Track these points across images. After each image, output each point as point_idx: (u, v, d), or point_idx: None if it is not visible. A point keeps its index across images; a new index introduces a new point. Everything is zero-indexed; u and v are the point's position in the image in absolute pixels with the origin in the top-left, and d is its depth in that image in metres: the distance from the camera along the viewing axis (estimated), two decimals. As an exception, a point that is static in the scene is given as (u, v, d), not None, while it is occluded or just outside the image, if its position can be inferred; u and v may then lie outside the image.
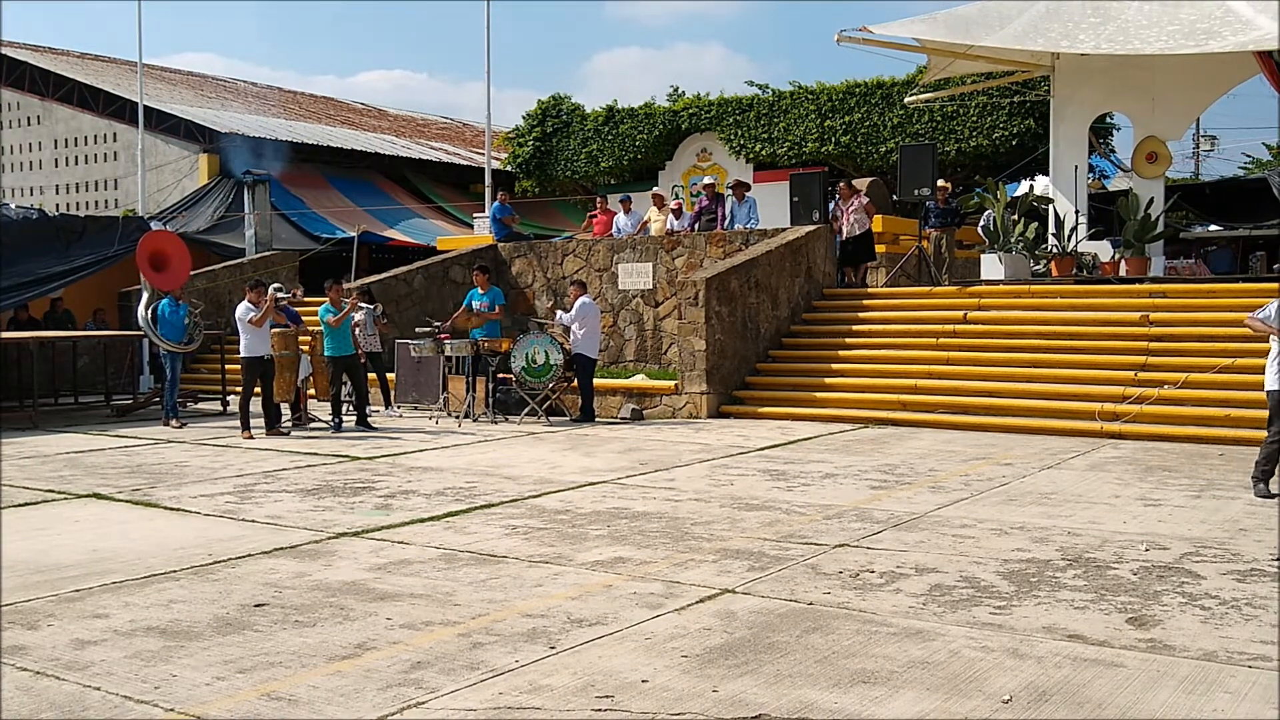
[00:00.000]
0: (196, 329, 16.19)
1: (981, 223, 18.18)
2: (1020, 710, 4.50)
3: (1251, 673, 4.91)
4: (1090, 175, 24.51)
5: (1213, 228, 26.20)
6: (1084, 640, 5.38)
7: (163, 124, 29.72)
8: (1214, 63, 17.98)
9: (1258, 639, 5.37)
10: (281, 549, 7.51)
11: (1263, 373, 12.83)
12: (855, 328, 16.53)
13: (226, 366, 17.76)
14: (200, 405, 17.79)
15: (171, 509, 9.11)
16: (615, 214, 21.80)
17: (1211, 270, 19.67)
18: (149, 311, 16.00)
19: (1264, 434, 11.91)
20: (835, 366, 15.68)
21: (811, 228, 17.75)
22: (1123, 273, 16.82)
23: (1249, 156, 40.21)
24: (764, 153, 28.06)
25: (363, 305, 15.73)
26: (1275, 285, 14.78)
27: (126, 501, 9.49)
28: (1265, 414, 12.18)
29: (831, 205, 18.57)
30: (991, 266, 17.61)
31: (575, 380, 15.32)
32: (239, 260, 23.49)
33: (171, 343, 15.54)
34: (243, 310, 14.18)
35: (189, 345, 15.92)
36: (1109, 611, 5.84)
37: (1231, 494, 9.19)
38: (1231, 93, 19.26)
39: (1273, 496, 8.90)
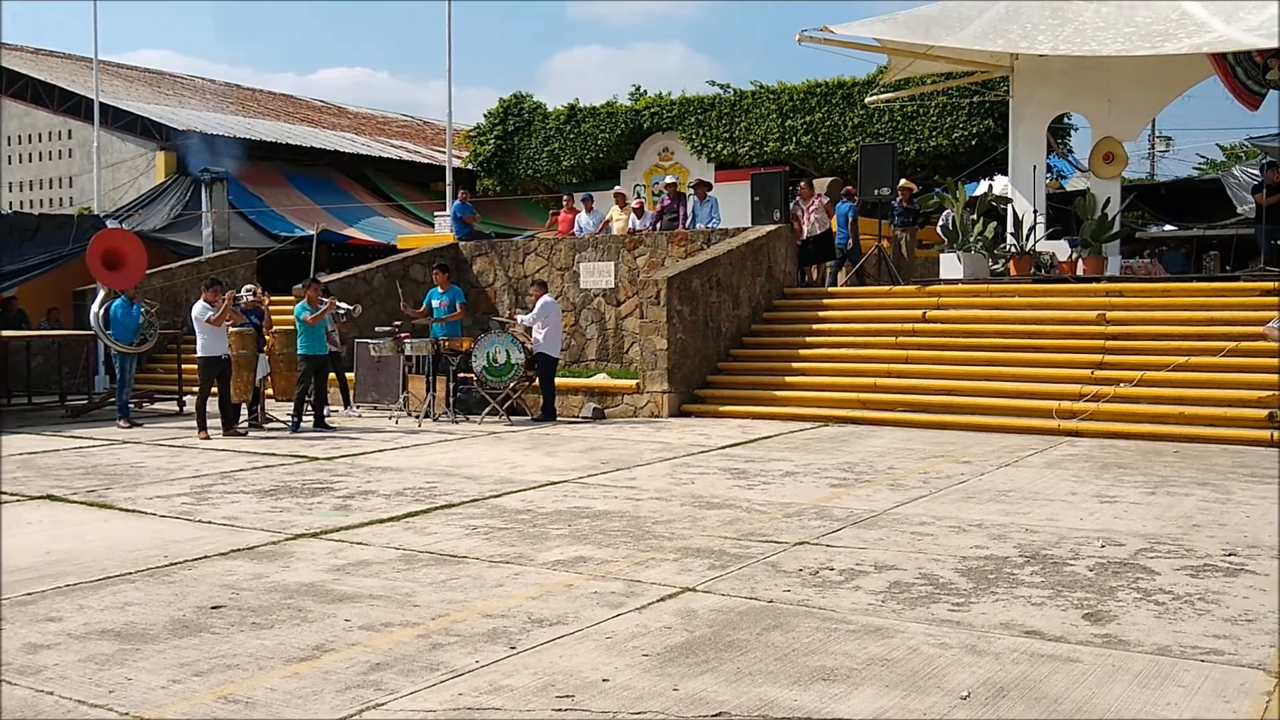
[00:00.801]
0: (151, 329, 16.02)
1: (940, 222, 18.31)
2: (978, 706, 4.53)
3: (1204, 667, 4.97)
4: (1048, 175, 24.73)
5: (1168, 227, 26.51)
6: (1041, 636, 5.43)
7: (119, 121, 29.39)
8: (1169, 64, 18.19)
9: (1210, 633, 5.44)
10: (239, 550, 7.45)
11: (1216, 371, 13.09)
12: (815, 326, 16.60)
13: (183, 366, 17.58)
14: (157, 405, 17.59)
15: (127, 510, 9.01)
16: (578, 212, 21.79)
17: (1166, 270, 19.89)
18: (102, 311, 15.81)
19: (1218, 430, 12.15)
20: (796, 365, 15.74)
21: (772, 227, 17.81)
22: (1080, 272, 16.99)
23: (1203, 157, 40.78)
24: (725, 152, 28.13)
25: (342, 306, 15.60)
26: (1231, 284, 14.98)
27: (81, 503, 9.37)
28: (1220, 411, 12.43)
29: (792, 205, 18.64)
30: (950, 266, 17.74)
31: (537, 379, 15.29)
32: (196, 259, 23.26)
33: (122, 343, 15.36)
34: (199, 310, 14.03)
35: (141, 346, 15.73)
36: (1066, 607, 5.90)
37: (1185, 490, 9.30)
38: (1186, 94, 19.50)
39: None
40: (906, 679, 4.85)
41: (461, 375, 15.49)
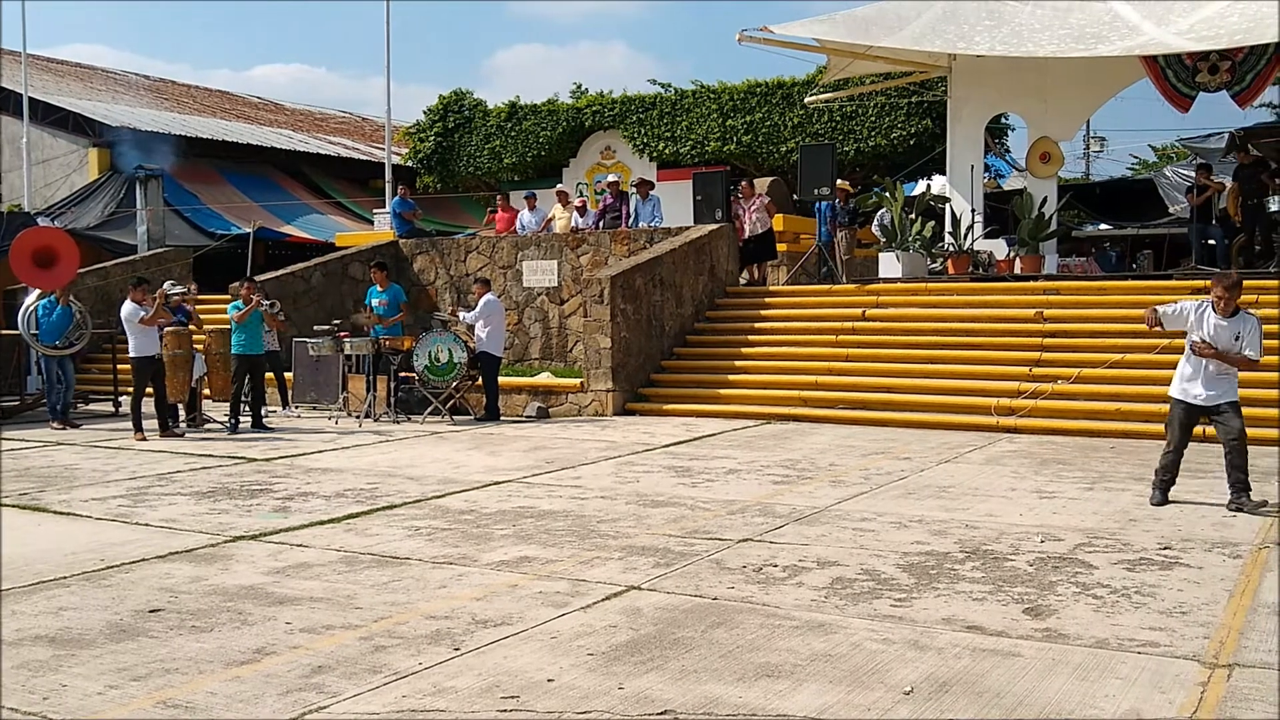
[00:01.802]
0: (83, 329, 15.71)
1: (877, 221, 18.48)
2: (921, 701, 4.57)
3: (1141, 659, 5.05)
4: (986, 175, 25.05)
5: (1103, 226, 26.97)
6: (982, 631, 5.49)
7: (49, 117, 28.80)
8: (1103, 66, 18.50)
9: (1147, 626, 5.53)
10: (177, 553, 7.33)
11: (1151, 368, 13.32)
12: (757, 325, 16.68)
13: (118, 366, 17.28)
14: (92, 406, 17.28)
15: (61, 513, 8.83)
16: (517, 211, 21.71)
17: (1101, 268, 20.23)
18: (30, 311, 15.48)
19: (1153, 426, 12.34)
20: (738, 363, 15.80)
21: (714, 226, 17.87)
22: (1017, 270, 17.22)
23: (1136, 158, 41.56)
24: (667, 151, 28.17)
25: (263, 303, 15.36)
26: (1164, 283, 15.25)
27: (13, 506, 9.17)
28: (1155, 407, 12.60)
29: (733, 204, 18.71)
30: (889, 265, 17.90)
31: (479, 379, 15.21)
32: (131, 257, 22.88)
33: (45, 345, 15.07)
34: (130, 310, 13.77)
35: (67, 349, 15.38)
36: (1006, 602, 5.97)
37: (1122, 486, 9.45)
38: (1120, 95, 19.84)
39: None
40: (850, 675, 4.88)
41: (403, 374, 15.36)
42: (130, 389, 14.17)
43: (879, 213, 18.51)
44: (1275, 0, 16.21)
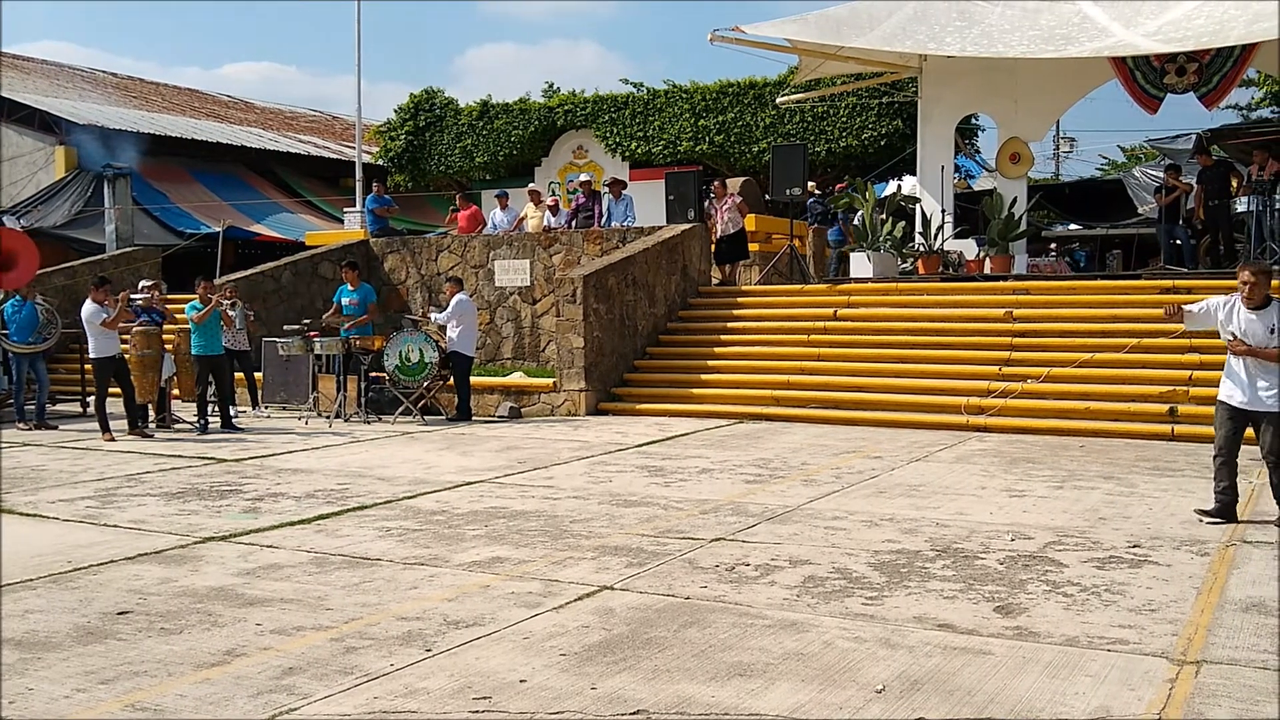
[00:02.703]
0: (52, 326, 15.55)
1: (854, 220, 18.55)
2: (893, 700, 4.58)
3: (1111, 656, 5.09)
4: (956, 175, 25.18)
5: (1072, 227, 27.16)
6: (953, 629, 5.51)
7: (15, 114, 28.51)
8: (1072, 67, 18.64)
9: (1116, 623, 5.57)
10: (146, 554, 7.27)
11: (1119, 367, 13.43)
12: (730, 325, 16.70)
13: (86, 366, 17.10)
14: (59, 407, 17.12)
15: (28, 514, 8.74)
16: (478, 209, 21.67)
17: (1071, 268, 20.37)
18: (-4, 311, 15.33)
19: (1121, 425, 12.46)
20: (711, 363, 15.81)
21: (687, 226, 17.89)
22: (987, 270, 17.31)
23: (1105, 159, 41.88)
24: (639, 151, 28.18)
25: (223, 302, 15.24)
26: (1133, 282, 15.37)
27: (-22, 508, 9.07)
28: (1123, 406, 12.74)
29: (706, 204, 18.73)
30: (860, 265, 17.96)
31: (451, 378, 15.16)
32: (99, 256, 22.67)
33: (20, 344, 14.91)
34: (91, 311, 13.63)
35: (40, 345, 15.24)
36: (977, 600, 6.00)
37: (1091, 484, 9.52)
38: (1089, 96, 19.99)
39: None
40: (822, 673, 4.89)
41: (373, 374, 15.28)
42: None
43: (857, 214, 18.58)
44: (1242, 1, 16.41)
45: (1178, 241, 17.67)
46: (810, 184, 19.44)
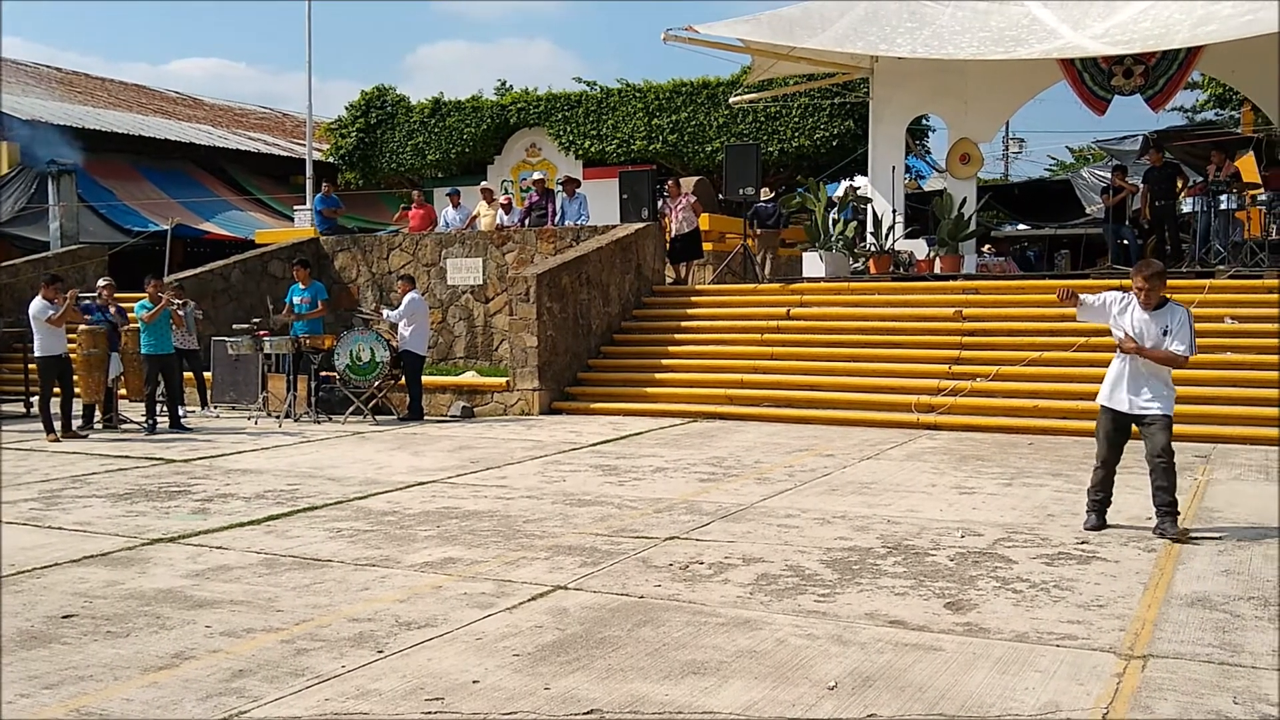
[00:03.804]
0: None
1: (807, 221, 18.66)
2: (845, 696, 4.60)
3: (1059, 651, 5.14)
4: (907, 175, 25.37)
5: (1021, 227, 27.44)
6: (904, 626, 5.55)
7: (-44, 109, 27.99)
8: (1022, 69, 18.82)
9: (1065, 619, 5.63)
10: (91, 557, 7.16)
11: (1067, 365, 13.58)
12: (684, 324, 16.72)
13: (30, 366, 16.82)
14: (3, 408, 16.82)
15: (-31, 517, 8.58)
16: (432, 208, 21.55)
17: (1019, 268, 20.59)
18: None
19: (1069, 423, 12.58)
20: (665, 362, 15.83)
21: (641, 225, 17.90)
22: (937, 270, 17.45)
23: (1054, 159, 42.42)
24: (593, 149, 28.16)
25: (174, 301, 15.05)
26: (1081, 282, 15.54)
27: (-82, 510, 8.89)
28: (1071, 404, 12.86)
29: (660, 203, 18.75)
30: (813, 264, 18.05)
31: (403, 378, 15.06)
32: (44, 254, 22.31)
33: None
34: (39, 308, 13.42)
35: None
36: (928, 597, 6.04)
37: (1040, 481, 9.62)
38: (1038, 98, 20.18)
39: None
40: (775, 670, 4.91)
41: (324, 374, 15.15)
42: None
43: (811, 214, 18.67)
44: (1188, 1, 16.65)
45: (1125, 241, 17.91)
46: (764, 189, 19.51)
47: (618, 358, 16.38)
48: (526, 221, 19.73)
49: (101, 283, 15.63)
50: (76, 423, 13.91)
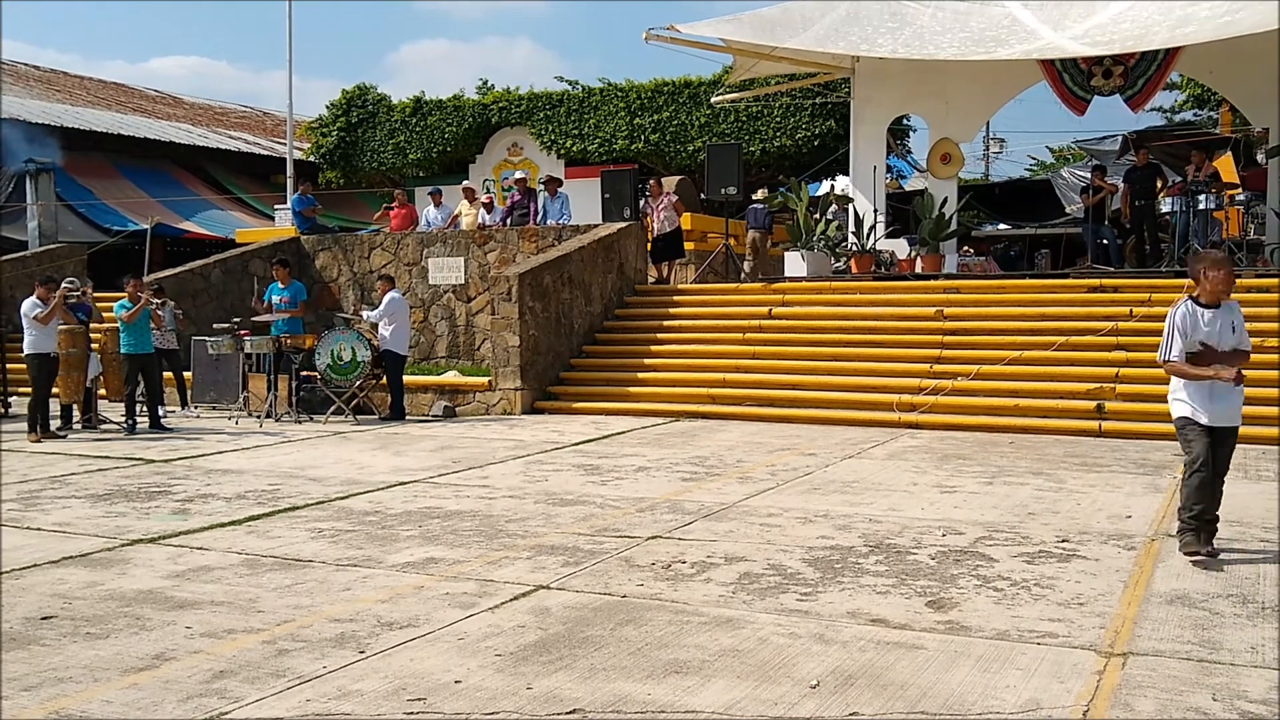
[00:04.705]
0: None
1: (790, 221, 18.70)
2: (827, 695, 4.61)
3: (1040, 649, 5.17)
4: (888, 175, 25.43)
5: (1002, 226, 27.54)
6: (886, 624, 5.56)
7: (-67, 107, 27.79)
8: (1002, 69, 18.88)
9: (1046, 617, 5.65)
10: (71, 558, 7.12)
11: (1048, 364, 13.64)
12: (666, 323, 16.72)
13: (8, 365, 16.72)
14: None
15: (-53, 518, 8.52)
16: (414, 208, 21.49)
17: (1000, 267, 20.66)
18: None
19: (1050, 422, 12.64)
20: (648, 361, 15.83)
21: (623, 224, 17.89)
22: (919, 270, 17.50)
23: (1034, 159, 42.67)
24: (575, 149, 28.14)
25: (153, 301, 14.97)
26: (1061, 281, 15.61)
27: (-105, 511, 8.83)
28: (1052, 403, 12.93)
29: (642, 202, 18.75)
30: (794, 264, 18.08)
31: (384, 377, 15.02)
32: (22, 254, 22.16)
33: None
34: (29, 306, 13.38)
35: None
36: (909, 596, 6.06)
37: (1021, 480, 9.66)
38: (1018, 98, 20.25)
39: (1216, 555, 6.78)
40: (757, 669, 4.91)
41: (305, 374, 15.09)
42: (22, 388, 13.71)
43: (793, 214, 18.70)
44: (1167, 1, 16.75)
45: (1104, 241, 18.00)
46: (762, 190, 19.57)
47: (600, 357, 16.37)
48: (508, 221, 19.70)
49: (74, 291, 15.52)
50: (55, 423, 13.82)
